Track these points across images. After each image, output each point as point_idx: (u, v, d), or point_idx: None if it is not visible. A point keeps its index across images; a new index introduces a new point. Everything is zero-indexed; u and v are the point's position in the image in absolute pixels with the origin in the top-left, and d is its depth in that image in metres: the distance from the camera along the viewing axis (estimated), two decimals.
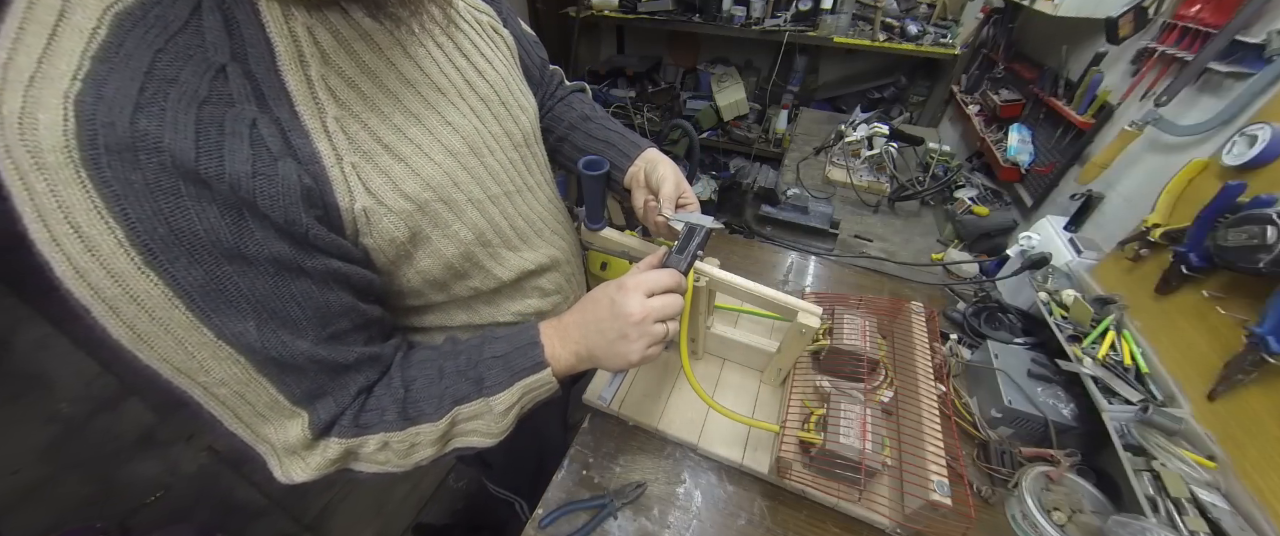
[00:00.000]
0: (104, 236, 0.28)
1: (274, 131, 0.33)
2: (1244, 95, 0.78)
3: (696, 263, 0.69)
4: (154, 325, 0.31)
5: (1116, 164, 1.00)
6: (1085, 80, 1.13)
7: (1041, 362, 0.82)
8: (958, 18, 2.10)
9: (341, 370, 0.40)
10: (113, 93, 0.27)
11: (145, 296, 0.30)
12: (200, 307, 0.32)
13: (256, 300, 0.33)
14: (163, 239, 0.29)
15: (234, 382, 0.35)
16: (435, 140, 0.44)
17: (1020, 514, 0.66)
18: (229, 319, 0.33)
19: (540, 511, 0.68)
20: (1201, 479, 0.61)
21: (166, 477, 1.57)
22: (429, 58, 0.45)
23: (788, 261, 1.19)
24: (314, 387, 0.39)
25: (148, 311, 0.31)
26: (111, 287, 0.29)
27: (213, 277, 0.31)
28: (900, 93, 2.42)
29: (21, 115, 0.25)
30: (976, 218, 1.30)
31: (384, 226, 0.40)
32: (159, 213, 0.29)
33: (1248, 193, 0.66)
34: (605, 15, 2.44)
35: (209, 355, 0.34)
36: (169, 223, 0.29)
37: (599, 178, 0.60)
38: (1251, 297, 0.62)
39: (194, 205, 0.30)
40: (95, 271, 0.29)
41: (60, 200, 0.27)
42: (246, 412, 0.37)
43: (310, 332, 0.37)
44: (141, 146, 0.27)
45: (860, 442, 0.62)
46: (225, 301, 0.32)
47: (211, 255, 0.31)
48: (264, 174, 0.32)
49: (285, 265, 0.34)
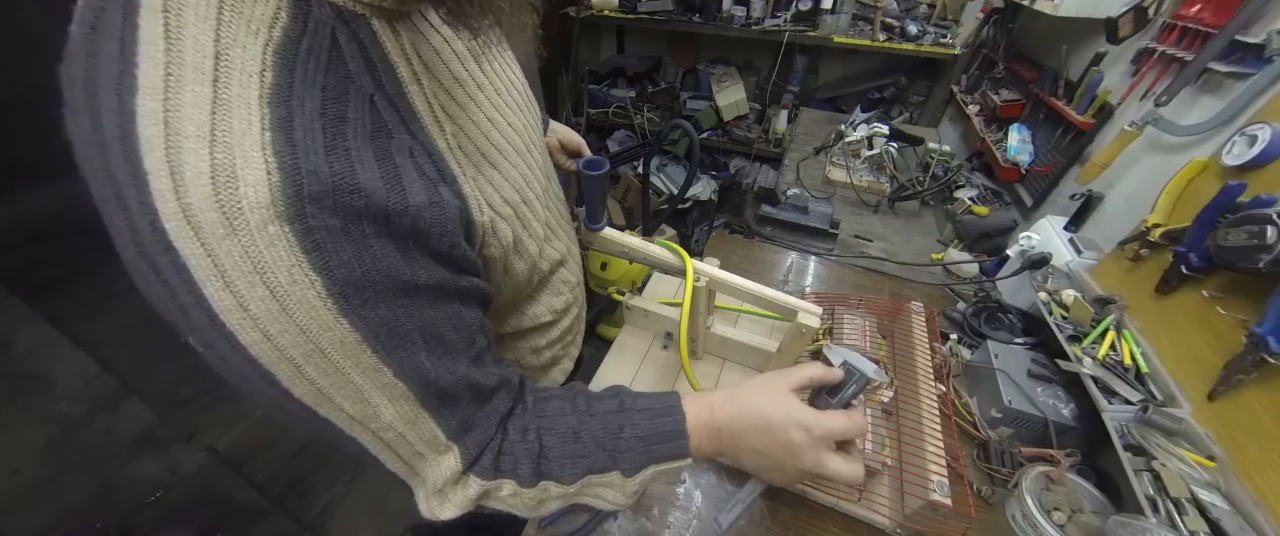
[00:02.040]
0: (304, 292, 0.26)
1: (424, 157, 0.33)
2: (1244, 95, 0.78)
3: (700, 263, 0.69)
4: (337, 376, 0.29)
5: (1116, 164, 1.00)
6: (1085, 80, 1.13)
7: (1041, 362, 0.82)
8: (958, 18, 2.10)
9: (487, 395, 0.39)
10: (302, 138, 0.25)
11: (335, 346, 0.28)
12: (384, 347, 0.30)
13: (424, 329, 0.32)
14: (356, 284, 0.28)
15: (401, 423, 0.34)
16: (508, 144, 0.44)
17: (1020, 514, 0.66)
18: (407, 354, 0.32)
19: None
20: (1201, 479, 0.61)
21: (166, 477, 1.57)
22: (489, 64, 0.45)
23: (788, 261, 1.19)
24: (466, 419, 0.37)
25: (334, 362, 0.29)
26: (302, 345, 0.27)
27: (393, 315, 0.30)
28: (900, 93, 2.42)
29: (214, 174, 0.23)
30: (976, 218, 1.30)
31: (502, 233, 0.41)
32: (354, 257, 0.27)
33: (1248, 193, 0.66)
34: (605, 15, 2.44)
35: (385, 397, 0.32)
36: (361, 266, 0.28)
37: (599, 177, 0.60)
38: (1251, 297, 0.62)
39: (377, 243, 0.28)
40: (287, 331, 0.26)
41: (257, 262, 0.24)
42: (408, 452, 0.36)
43: (463, 355, 0.36)
44: (340, 189, 0.26)
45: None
46: (403, 337, 0.31)
47: (390, 292, 0.30)
48: (436, 202, 0.32)
49: (443, 290, 0.34)
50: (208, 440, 1.66)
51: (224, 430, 1.70)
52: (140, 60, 0.22)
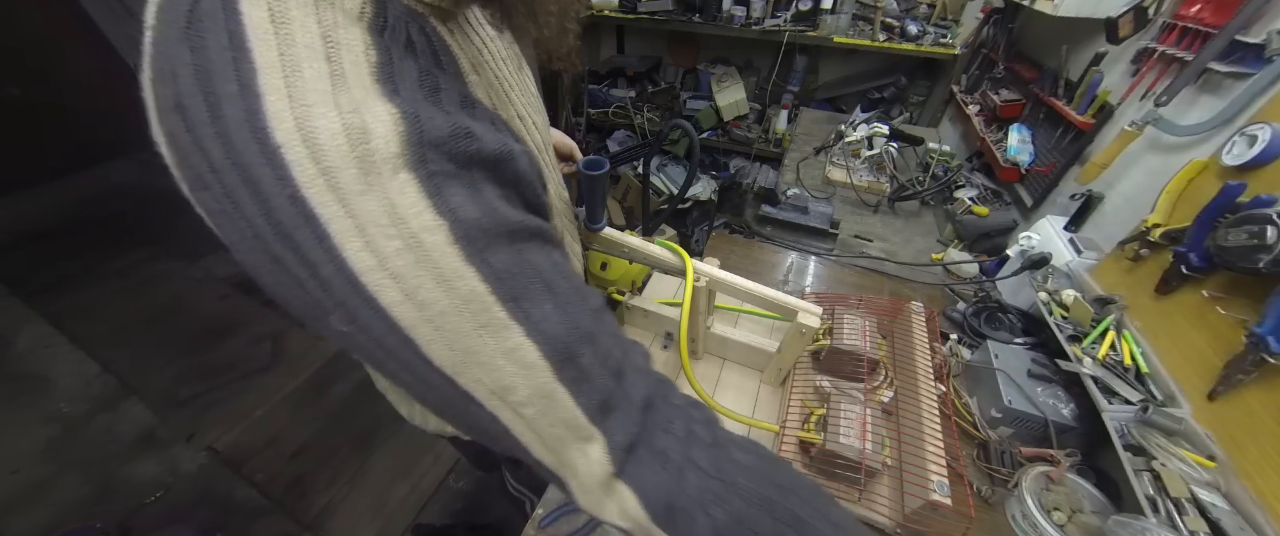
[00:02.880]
0: (435, 237, 0.26)
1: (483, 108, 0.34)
2: (1244, 95, 0.78)
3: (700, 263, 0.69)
4: (471, 337, 0.28)
5: (1116, 164, 1.00)
6: (1085, 80, 1.13)
7: (1041, 362, 0.82)
8: (958, 18, 2.09)
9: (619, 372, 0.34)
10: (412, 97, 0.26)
11: (469, 298, 0.27)
12: (511, 297, 0.28)
13: (542, 277, 0.30)
14: (476, 227, 0.27)
15: (538, 397, 0.30)
16: (541, 135, 0.47)
17: (1020, 514, 0.66)
18: (532, 305, 0.29)
19: (540, 511, 0.68)
20: (1201, 479, 0.61)
21: (166, 477, 1.57)
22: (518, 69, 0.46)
23: (788, 261, 1.19)
24: (604, 395, 0.32)
25: (471, 316, 0.27)
26: (441, 299, 0.26)
27: (512, 260, 0.29)
28: (900, 93, 2.42)
29: (347, 131, 0.23)
30: (976, 218, 1.30)
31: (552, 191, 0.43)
32: (469, 200, 0.27)
33: (1248, 192, 0.66)
34: (605, 15, 2.44)
35: (517, 364, 0.29)
36: (476, 209, 0.27)
37: (599, 177, 0.60)
38: (1251, 298, 0.62)
39: (486, 188, 0.29)
40: (426, 285, 0.26)
41: (391, 213, 0.25)
42: (551, 434, 0.32)
43: (582, 307, 0.32)
44: (457, 134, 0.27)
45: (860, 442, 0.62)
46: (525, 286, 0.29)
47: (505, 236, 0.29)
48: (526, 153, 0.33)
49: (545, 236, 0.32)
50: (208, 440, 1.66)
51: (224, 430, 1.70)
52: (252, 44, 0.23)
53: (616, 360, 0.34)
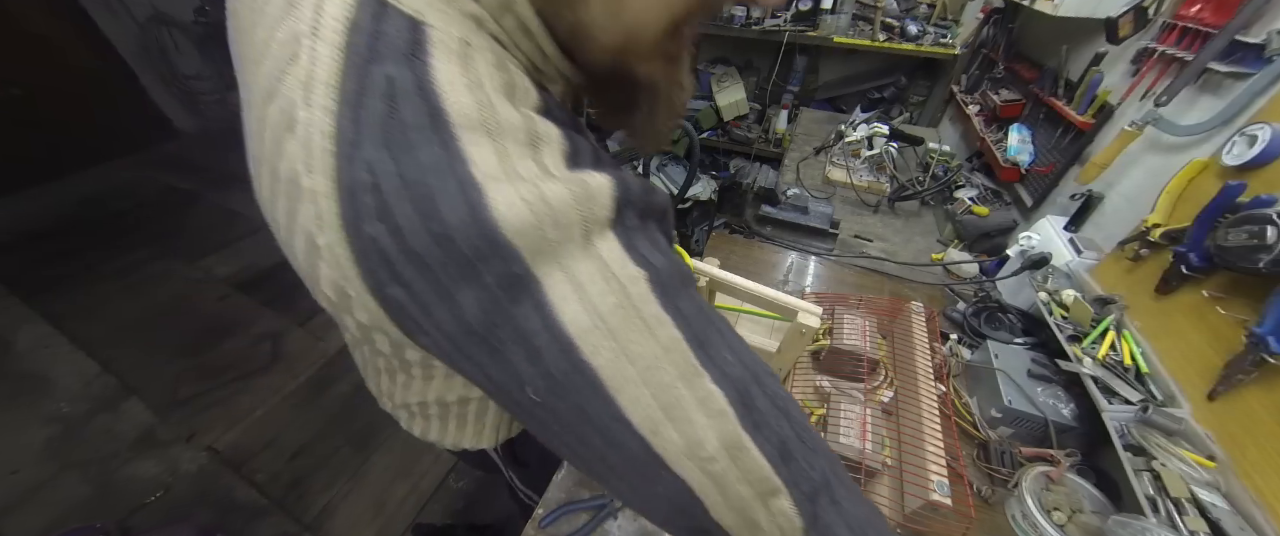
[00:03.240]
0: (638, 287, 0.26)
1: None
2: (1244, 95, 0.78)
3: (700, 263, 0.69)
4: (675, 384, 0.27)
5: (1116, 164, 1.00)
6: (1085, 80, 1.13)
7: (1041, 362, 0.82)
8: (958, 18, 2.09)
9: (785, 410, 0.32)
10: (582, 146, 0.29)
11: (670, 346, 0.27)
12: (698, 343, 0.28)
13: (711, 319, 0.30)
14: (665, 275, 0.27)
15: (727, 449, 0.28)
16: None
17: (1020, 514, 0.66)
18: (715, 350, 0.29)
19: (540, 511, 0.68)
20: (1201, 479, 0.61)
21: (166, 477, 1.57)
22: None
23: (788, 261, 1.19)
24: (780, 439, 0.30)
25: (672, 365, 0.27)
26: (648, 350, 0.26)
27: (693, 305, 0.29)
28: (900, 93, 2.42)
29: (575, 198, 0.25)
30: (976, 217, 1.30)
31: None
32: (654, 248, 0.28)
33: (1248, 192, 0.66)
34: None
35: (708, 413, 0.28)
36: (661, 255, 0.28)
37: None
38: (1251, 298, 0.62)
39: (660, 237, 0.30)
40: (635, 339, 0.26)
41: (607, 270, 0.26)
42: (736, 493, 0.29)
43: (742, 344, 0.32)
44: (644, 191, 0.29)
45: (860, 442, 0.62)
46: (706, 330, 0.29)
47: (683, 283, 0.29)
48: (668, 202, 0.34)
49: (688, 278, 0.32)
50: (208, 440, 1.66)
51: (224, 430, 1.70)
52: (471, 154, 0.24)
53: (782, 398, 0.32)
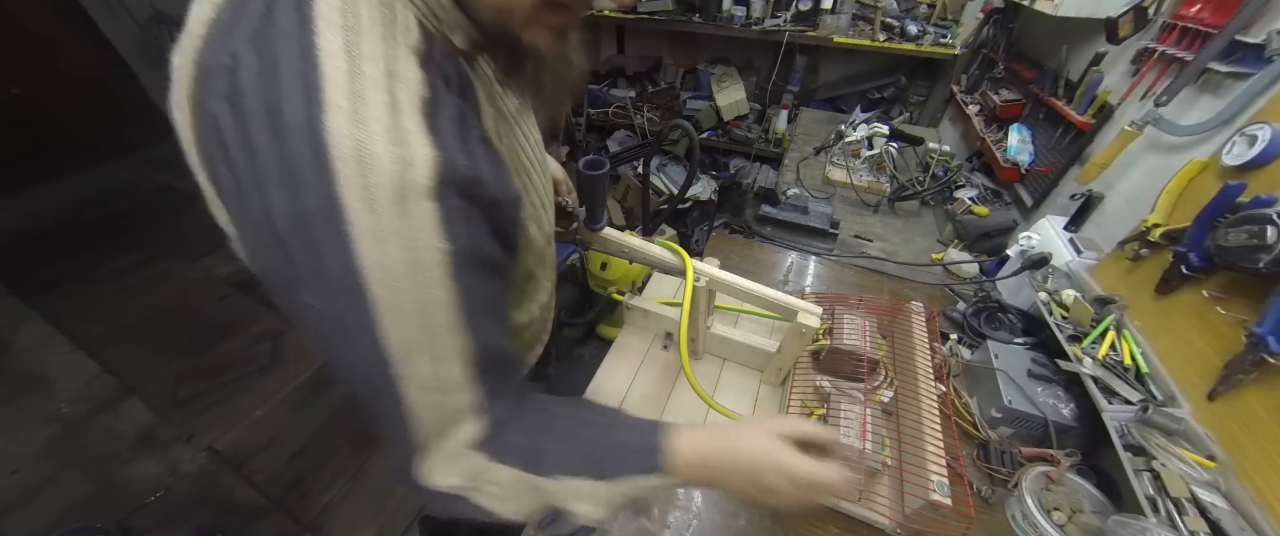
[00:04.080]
0: (431, 253, 0.32)
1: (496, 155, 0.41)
2: (1244, 95, 0.78)
3: (700, 263, 0.69)
4: (425, 333, 0.34)
5: (1116, 164, 1.00)
6: (1085, 80, 1.13)
7: (1041, 362, 0.82)
8: (958, 18, 2.09)
9: (511, 367, 0.43)
10: (448, 138, 0.32)
11: (435, 306, 0.34)
12: (467, 312, 0.36)
13: (490, 301, 0.39)
14: (465, 255, 0.34)
15: (450, 387, 0.38)
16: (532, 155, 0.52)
17: (1020, 514, 0.66)
18: (479, 320, 0.37)
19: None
20: (1201, 479, 0.61)
21: (166, 477, 1.57)
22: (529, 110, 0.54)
23: (788, 261, 1.19)
24: (494, 388, 0.41)
25: (430, 319, 0.34)
26: (414, 300, 0.33)
27: (479, 285, 0.37)
28: (900, 93, 2.42)
29: (399, 160, 0.29)
30: (976, 218, 1.30)
31: (531, 228, 0.49)
32: (466, 233, 0.34)
33: (1248, 192, 0.66)
34: (605, 15, 2.44)
35: (447, 359, 0.36)
36: (470, 240, 0.34)
37: (598, 178, 0.60)
38: (1251, 298, 0.62)
39: (481, 225, 0.36)
40: (410, 288, 0.32)
41: (408, 228, 0.31)
42: (440, 415, 0.38)
43: (501, 326, 0.41)
44: (471, 179, 0.34)
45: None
46: (480, 305, 0.37)
47: (482, 266, 0.37)
48: (516, 194, 0.41)
49: (500, 269, 0.41)
50: (208, 440, 1.66)
51: (224, 430, 1.70)
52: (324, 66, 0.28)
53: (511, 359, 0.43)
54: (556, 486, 0.43)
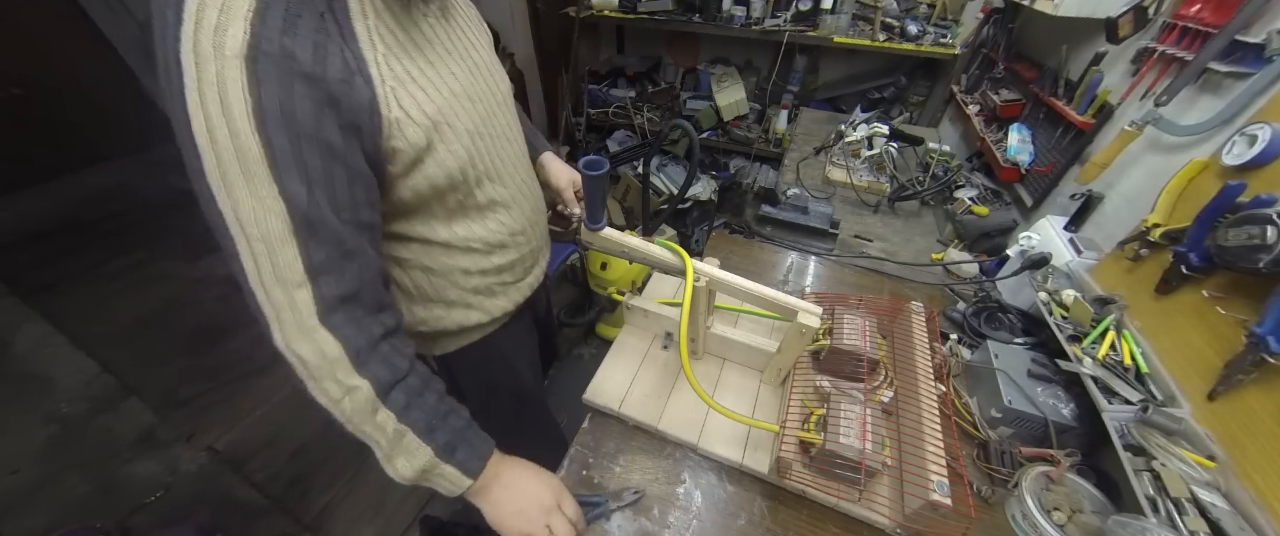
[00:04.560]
0: (240, 105, 0.41)
1: (352, 58, 0.49)
2: (1244, 95, 0.78)
3: (700, 263, 0.69)
4: (241, 175, 0.43)
5: (1116, 164, 1.00)
6: (1085, 80, 1.13)
7: (1041, 362, 0.82)
8: (958, 18, 2.09)
9: (349, 254, 0.50)
10: (271, 22, 0.42)
11: (245, 152, 0.42)
12: (278, 166, 0.44)
13: (312, 171, 0.46)
14: (273, 114, 0.43)
15: (272, 238, 0.45)
16: (443, 82, 0.59)
17: (1020, 514, 0.66)
18: (291, 179, 0.45)
19: None
20: (1201, 479, 0.61)
21: (166, 477, 1.57)
22: (441, 28, 0.62)
23: (788, 261, 1.19)
24: (325, 261, 0.48)
25: (242, 164, 0.43)
26: (228, 143, 0.42)
27: (294, 147, 0.44)
28: (900, 93, 2.42)
29: (217, 29, 0.40)
30: (976, 217, 1.30)
31: (410, 133, 0.54)
32: (278, 96, 0.43)
33: (1248, 192, 0.66)
34: (605, 15, 2.44)
35: (265, 209, 0.44)
36: (280, 104, 0.43)
37: (599, 178, 0.60)
38: (1251, 298, 0.62)
39: (299, 95, 0.44)
40: (221, 129, 0.42)
41: (221, 79, 0.41)
42: (268, 270, 0.46)
43: (339, 211, 0.48)
44: (283, 54, 0.42)
45: (860, 442, 0.62)
46: (294, 166, 0.45)
47: (297, 132, 0.44)
48: (347, 82, 0.47)
49: (336, 152, 0.47)
50: (208, 440, 1.66)
51: (224, 430, 1.70)
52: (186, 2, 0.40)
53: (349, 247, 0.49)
54: (393, 426, 0.53)
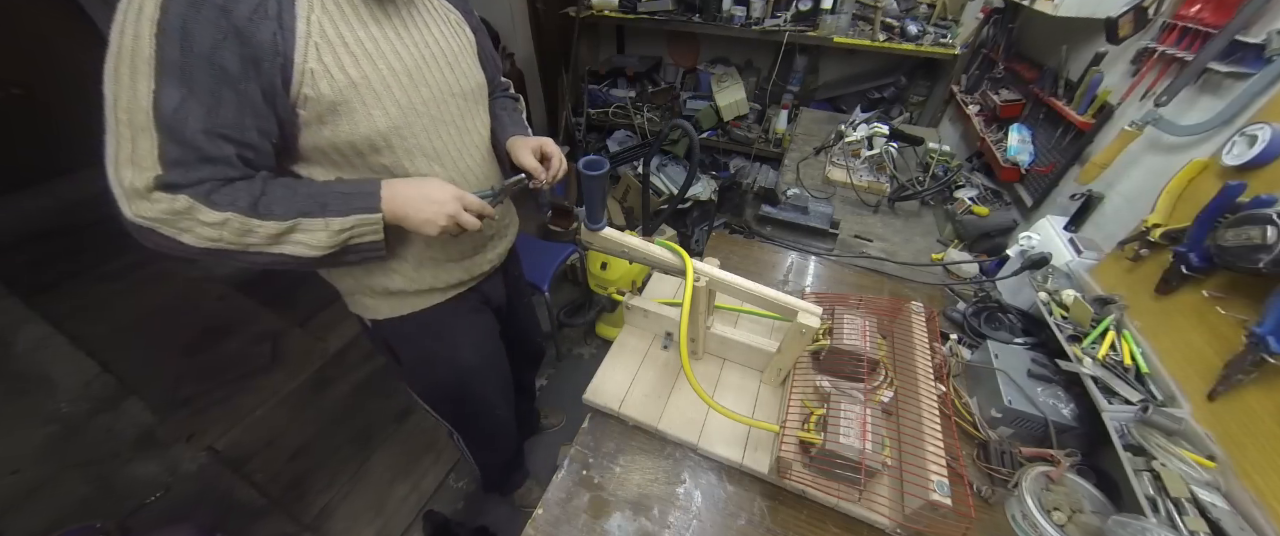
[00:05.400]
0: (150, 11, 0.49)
1: (274, 6, 0.55)
2: (1244, 95, 0.78)
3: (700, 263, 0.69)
4: (129, 69, 0.50)
5: (1116, 164, 1.00)
6: (1085, 80, 1.13)
7: (1041, 362, 0.82)
8: (958, 18, 2.09)
9: (205, 159, 0.55)
10: None
11: (138, 51, 0.50)
12: (162, 72, 0.50)
13: (196, 85, 0.52)
14: (173, 27, 0.50)
15: (136, 126, 0.51)
16: (381, 55, 0.65)
17: (1020, 514, 0.66)
18: (170, 83, 0.51)
19: (540, 511, 0.68)
20: (1201, 479, 0.61)
21: (166, 477, 1.57)
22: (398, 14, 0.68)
23: (788, 261, 1.19)
24: (180, 158, 0.53)
25: (133, 60, 0.50)
26: (130, 42, 0.50)
27: (183, 62, 0.51)
28: (900, 93, 2.42)
29: None
30: (976, 218, 1.30)
31: (322, 86, 0.59)
32: (181, 14, 0.50)
33: (1248, 193, 0.66)
34: (605, 15, 2.44)
35: (138, 103, 0.50)
36: (184, 21, 0.50)
37: (599, 178, 0.60)
38: (1251, 298, 0.62)
39: (205, 19, 0.51)
40: (129, 30, 0.49)
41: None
42: (126, 152, 0.52)
43: (208, 123, 0.54)
44: None
45: (860, 442, 0.62)
46: (177, 76, 0.51)
47: (191, 47, 0.51)
48: (256, 21, 0.54)
49: (229, 76, 0.54)
50: (208, 440, 1.66)
51: (224, 430, 1.70)
52: None
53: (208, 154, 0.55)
54: (275, 227, 0.58)
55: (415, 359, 0.94)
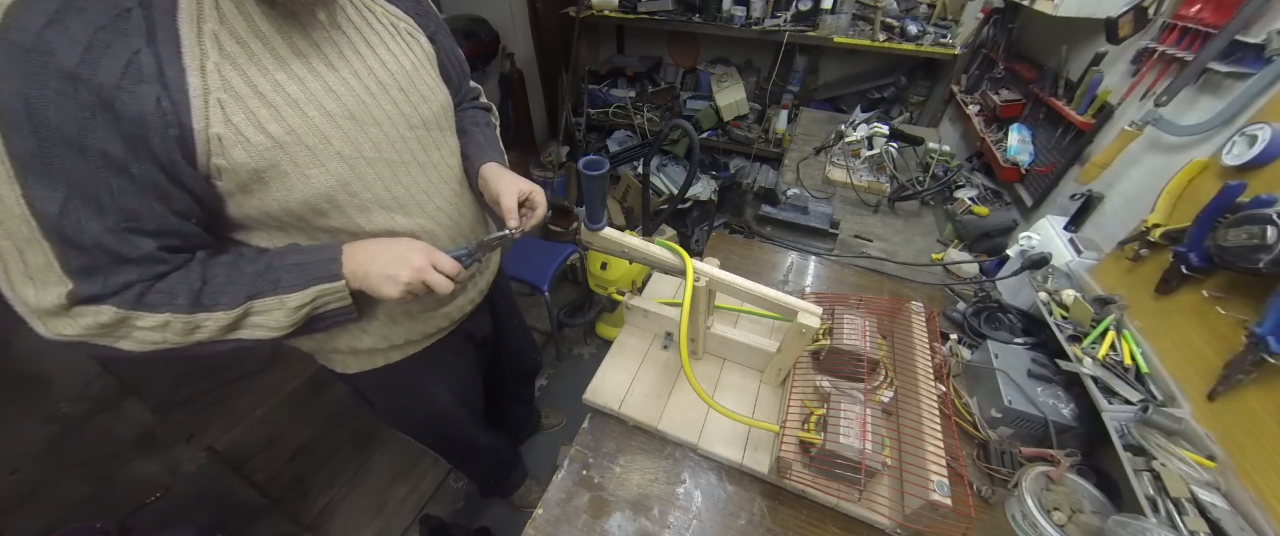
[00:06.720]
0: None
1: (151, 62, 0.43)
2: (1244, 95, 0.78)
3: (700, 263, 0.69)
4: None
5: (1116, 164, 1.00)
6: (1085, 80, 1.13)
7: (1041, 362, 0.82)
8: (958, 18, 2.09)
9: (121, 261, 0.46)
10: (34, 10, 0.39)
11: None
12: (22, 169, 0.40)
13: (73, 181, 0.42)
14: (15, 111, 0.39)
15: (18, 237, 0.42)
16: (311, 99, 0.53)
17: (1020, 514, 0.66)
18: (40, 186, 0.41)
19: (540, 512, 0.68)
20: (1201, 479, 0.61)
21: (166, 477, 1.57)
22: (329, 41, 0.55)
23: (788, 261, 1.19)
24: (89, 264, 0.45)
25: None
26: None
27: (43, 152, 0.40)
28: (900, 93, 2.42)
29: None
30: (976, 218, 1.30)
31: (236, 154, 0.48)
32: (21, 93, 0.39)
33: (1248, 192, 0.66)
34: (605, 15, 2.44)
35: (9, 211, 0.41)
36: (27, 102, 0.39)
37: (598, 178, 0.60)
38: (1251, 298, 0.62)
39: (55, 95, 0.40)
40: None
41: None
42: (18, 269, 0.43)
43: (109, 221, 0.44)
44: (36, 48, 0.39)
45: (860, 442, 0.62)
46: (44, 171, 0.41)
47: (50, 134, 0.40)
48: (127, 88, 0.42)
49: (113, 161, 0.43)
50: (208, 440, 1.66)
51: (224, 430, 1.70)
52: None
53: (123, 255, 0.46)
54: (224, 317, 0.51)
55: (389, 406, 0.90)
